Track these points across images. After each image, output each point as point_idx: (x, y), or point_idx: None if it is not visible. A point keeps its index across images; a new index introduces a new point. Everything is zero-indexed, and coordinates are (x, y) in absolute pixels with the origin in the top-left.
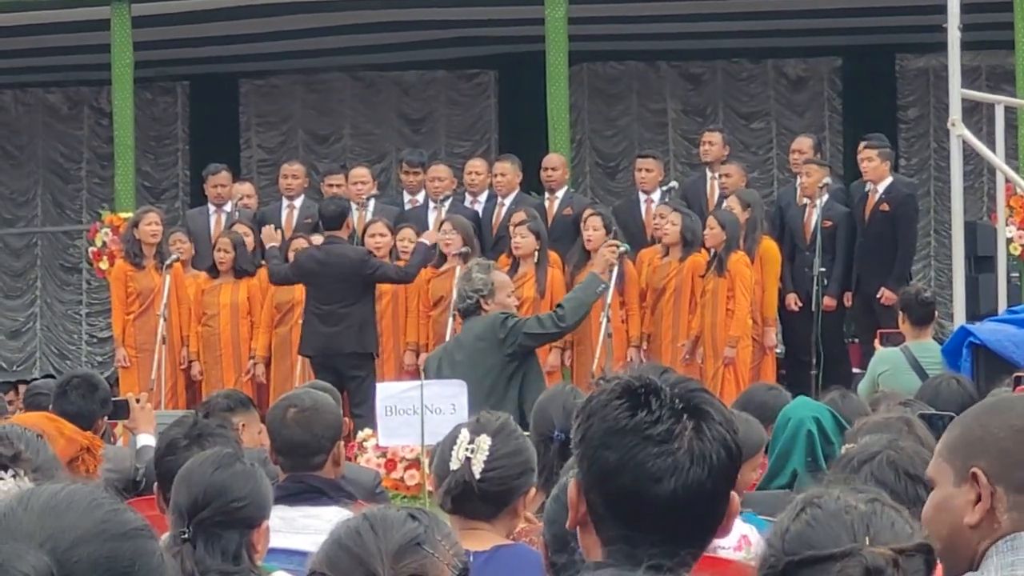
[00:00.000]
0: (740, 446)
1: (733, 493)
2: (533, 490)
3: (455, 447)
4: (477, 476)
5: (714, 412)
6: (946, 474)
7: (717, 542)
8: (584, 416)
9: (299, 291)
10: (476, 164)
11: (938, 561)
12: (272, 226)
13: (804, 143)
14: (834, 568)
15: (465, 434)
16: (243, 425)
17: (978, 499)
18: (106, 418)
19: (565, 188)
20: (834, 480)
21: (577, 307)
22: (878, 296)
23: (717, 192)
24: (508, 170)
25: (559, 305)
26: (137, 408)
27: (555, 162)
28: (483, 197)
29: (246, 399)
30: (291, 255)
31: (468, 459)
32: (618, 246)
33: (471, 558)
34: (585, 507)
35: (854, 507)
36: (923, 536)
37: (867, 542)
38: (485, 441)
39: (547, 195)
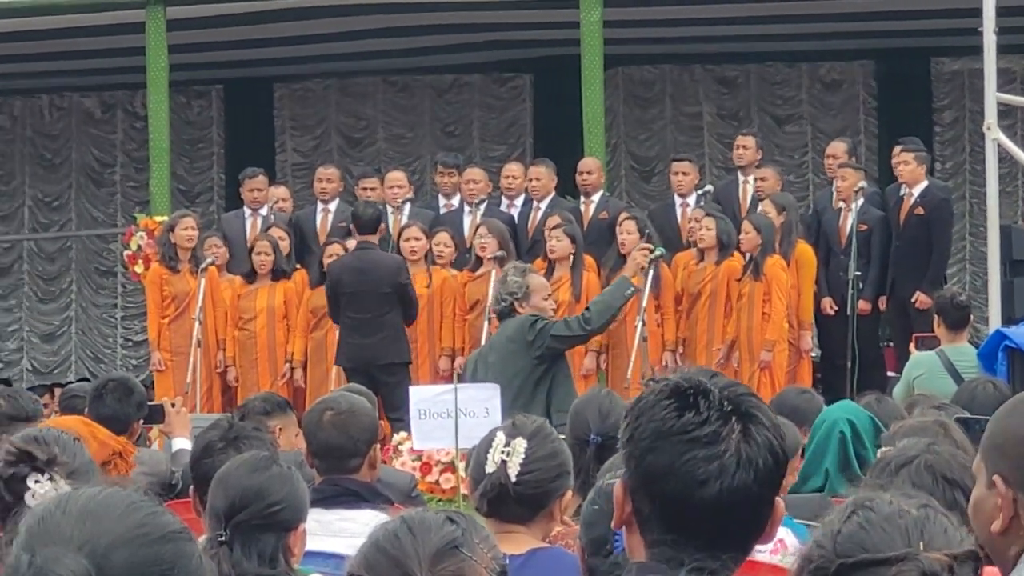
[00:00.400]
0: (787, 452)
1: (778, 499)
2: (569, 493)
3: (491, 450)
4: (513, 479)
5: (762, 416)
6: (981, 474)
7: (755, 546)
8: (633, 416)
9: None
10: (512, 168)
11: (985, 564)
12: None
13: (838, 147)
14: (889, 572)
15: (501, 437)
16: (280, 429)
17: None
18: (141, 422)
19: (601, 192)
20: (870, 484)
21: (604, 310)
22: (913, 300)
23: (750, 196)
24: (543, 174)
25: (587, 307)
26: (172, 412)
27: (590, 166)
28: (519, 201)
29: (283, 402)
30: (326, 260)
31: (504, 462)
32: (651, 249)
33: (507, 561)
34: (631, 507)
35: (907, 512)
36: (971, 543)
37: (921, 547)
38: (521, 444)
39: (583, 199)
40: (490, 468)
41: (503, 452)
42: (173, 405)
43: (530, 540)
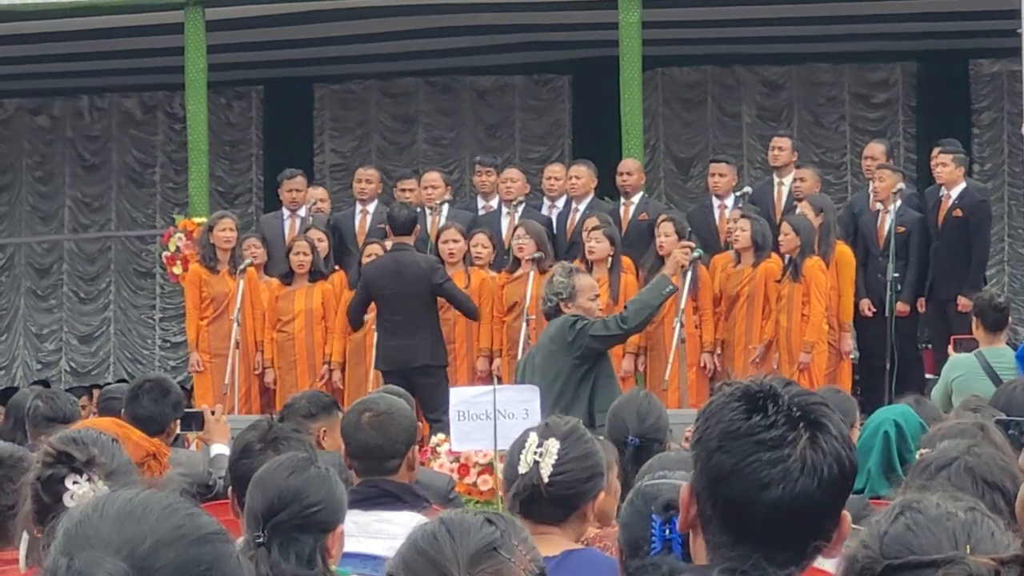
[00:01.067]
0: (855, 464)
1: (845, 512)
2: (603, 494)
3: (523, 451)
4: (545, 480)
5: (832, 426)
6: None
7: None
8: (703, 418)
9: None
10: (554, 169)
11: None
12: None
13: (876, 149)
14: (935, 575)
15: (534, 437)
16: (324, 431)
17: None
18: (178, 422)
19: (641, 193)
20: (910, 485)
21: (641, 308)
22: (954, 303)
23: (785, 197)
24: (583, 174)
25: (625, 306)
26: (212, 420)
27: (630, 167)
28: (560, 202)
29: (329, 402)
30: (364, 260)
31: (536, 463)
32: (692, 248)
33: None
34: (695, 509)
35: (955, 514)
36: (1018, 548)
37: (968, 550)
38: (554, 444)
39: (622, 200)
40: (523, 469)
41: (536, 453)
42: (213, 413)
43: (564, 542)
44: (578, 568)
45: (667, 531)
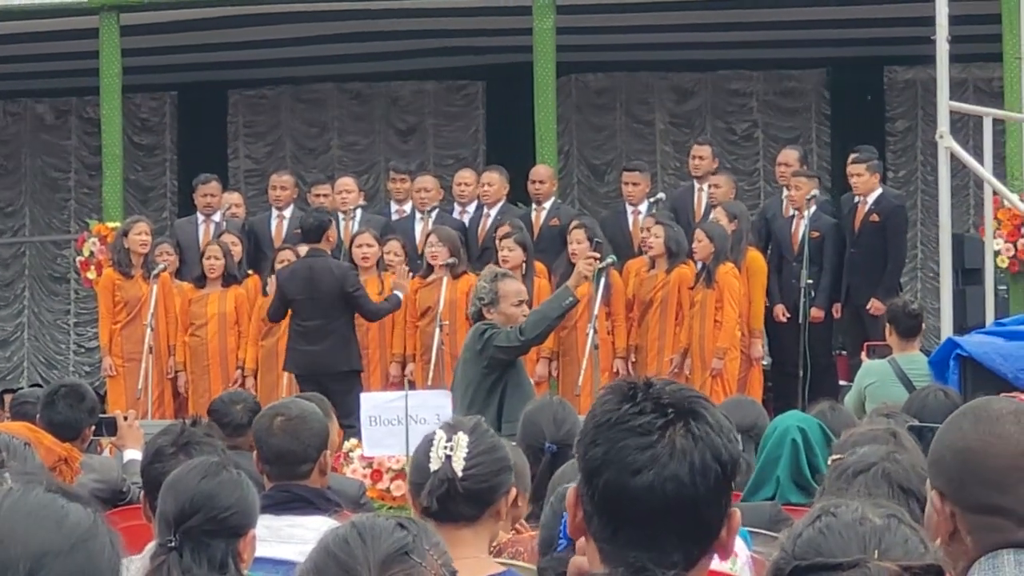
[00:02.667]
0: (733, 454)
1: (734, 509)
2: (514, 491)
3: (433, 448)
4: (460, 473)
5: (708, 416)
6: (931, 490)
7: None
8: (584, 421)
9: None
10: (465, 175)
11: None
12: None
13: (790, 155)
14: None
15: (441, 434)
16: None
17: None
18: (92, 428)
19: (552, 199)
20: (828, 489)
21: (539, 320)
22: (868, 307)
23: (704, 204)
24: (495, 180)
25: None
26: (124, 425)
27: (543, 174)
28: (471, 208)
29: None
30: (278, 266)
31: (448, 457)
32: (598, 258)
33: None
34: (581, 513)
35: (870, 520)
36: (935, 558)
37: (875, 555)
38: (463, 438)
39: (534, 206)
40: (435, 465)
41: (446, 447)
42: (126, 418)
43: (480, 561)
44: None
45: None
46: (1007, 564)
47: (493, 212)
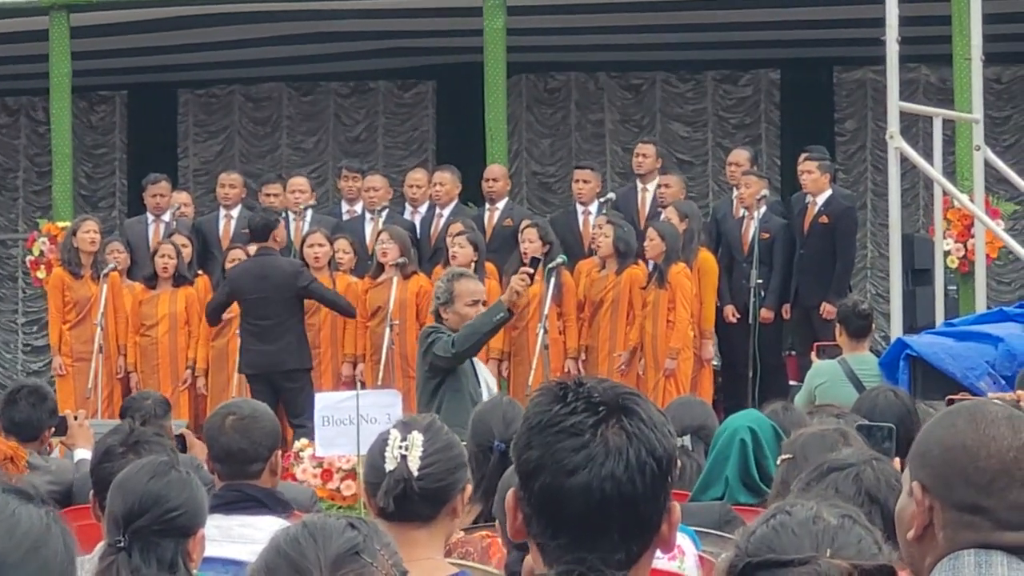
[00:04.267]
0: (669, 450)
1: (674, 503)
2: (469, 488)
3: (388, 448)
4: (415, 473)
5: (641, 412)
6: (906, 482)
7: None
8: (520, 423)
9: (235, 304)
10: (416, 176)
11: None
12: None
13: (740, 155)
14: (788, 574)
15: (395, 434)
16: None
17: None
18: (52, 429)
19: (505, 199)
20: (800, 481)
21: (470, 334)
22: (819, 310)
23: (649, 203)
24: (447, 180)
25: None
26: (75, 425)
27: (496, 173)
28: (423, 208)
29: None
30: (227, 265)
31: (404, 456)
32: (531, 274)
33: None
34: (521, 516)
35: (824, 519)
36: (889, 559)
37: (828, 554)
38: (418, 437)
39: (487, 206)
40: (390, 465)
41: (401, 447)
42: (76, 417)
43: (432, 550)
44: None
45: None
46: (967, 565)
47: (446, 212)
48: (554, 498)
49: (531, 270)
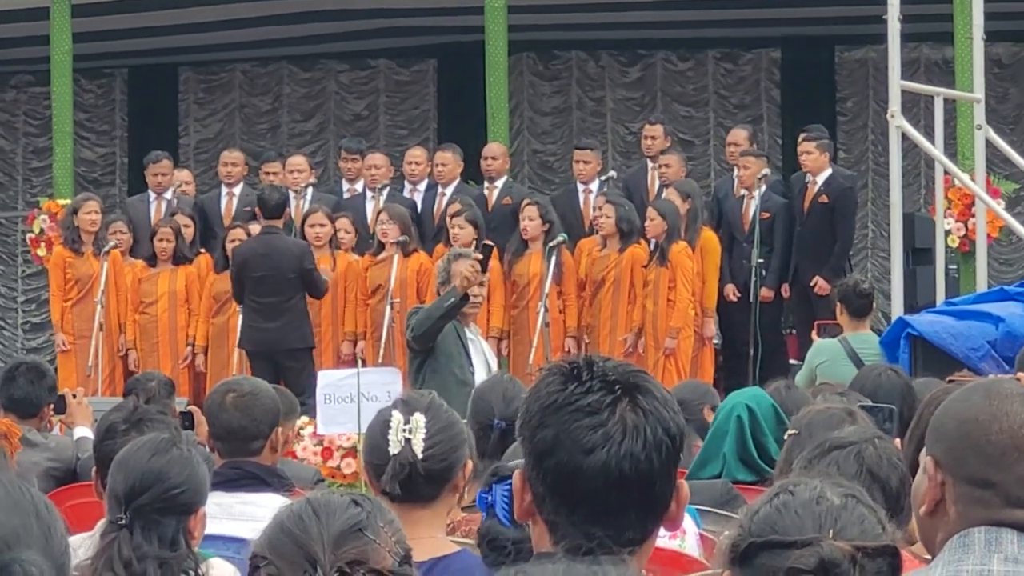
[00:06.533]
0: (681, 426)
1: (682, 481)
2: (471, 463)
3: (391, 431)
4: (420, 456)
5: (653, 389)
6: (923, 458)
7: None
8: (525, 403)
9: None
10: (416, 153)
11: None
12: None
13: (739, 135)
14: (791, 555)
15: (398, 416)
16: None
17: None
18: (52, 406)
19: (505, 177)
20: (797, 462)
21: (424, 320)
22: (813, 285)
23: (657, 183)
24: (449, 159)
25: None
26: (74, 403)
27: (495, 151)
28: (422, 186)
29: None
30: (229, 245)
31: (408, 440)
32: (480, 259)
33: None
34: (530, 496)
35: (827, 499)
36: (892, 539)
37: (830, 535)
38: (420, 419)
39: (487, 184)
40: (394, 449)
41: (404, 430)
42: (75, 396)
43: (436, 542)
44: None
45: (488, 497)
46: (977, 543)
47: (448, 191)
48: (570, 477)
49: (480, 256)
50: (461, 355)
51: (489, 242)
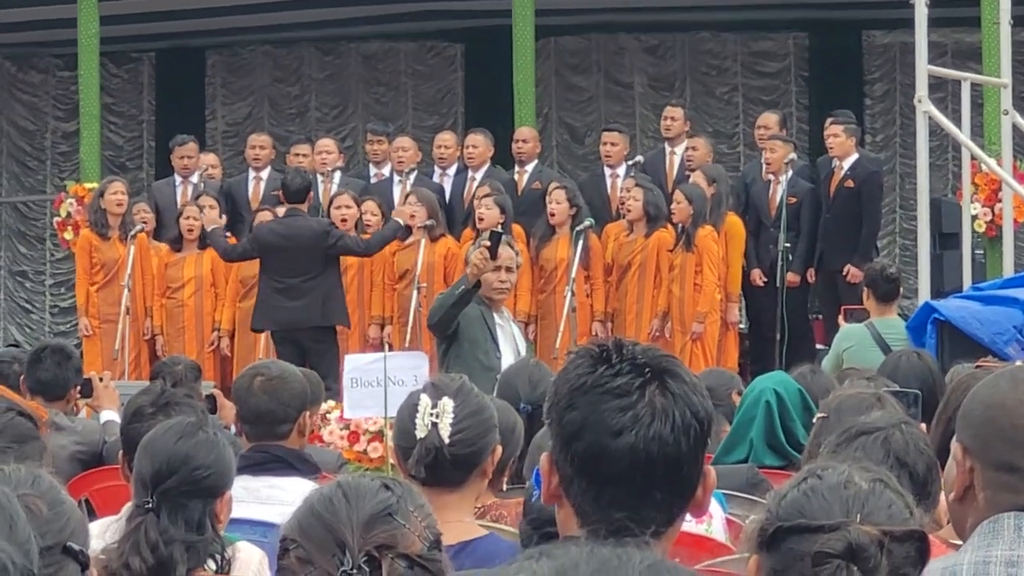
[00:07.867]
0: (709, 410)
1: (709, 467)
2: (499, 449)
3: (418, 415)
4: (447, 441)
5: (682, 373)
6: (953, 444)
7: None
8: (553, 385)
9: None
10: (445, 137)
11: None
12: (216, 210)
13: (770, 119)
14: (819, 540)
15: (426, 400)
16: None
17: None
18: (78, 388)
19: (535, 162)
20: (824, 447)
21: (438, 307)
22: (844, 274)
23: (676, 167)
24: (480, 143)
25: None
26: (100, 387)
27: (526, 135)
28: (451, 170)
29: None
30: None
31: (435, 424)
32: (488, 247)
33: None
34: (557, 479)
35: (855, 483)
36: (920, 524)
37: (858, 519)
38: (448, 403)
39: (516, 168)
40: (421, 433)
41: (432, 415)
42: (101, 379)
43: (463, 525)
44: (476, 560)
45: None
46: (1007, 528)
47: (478, 175)
48: (598, 459)
49: (489, 243)
50: (487, 340)
51: (498, 229)
